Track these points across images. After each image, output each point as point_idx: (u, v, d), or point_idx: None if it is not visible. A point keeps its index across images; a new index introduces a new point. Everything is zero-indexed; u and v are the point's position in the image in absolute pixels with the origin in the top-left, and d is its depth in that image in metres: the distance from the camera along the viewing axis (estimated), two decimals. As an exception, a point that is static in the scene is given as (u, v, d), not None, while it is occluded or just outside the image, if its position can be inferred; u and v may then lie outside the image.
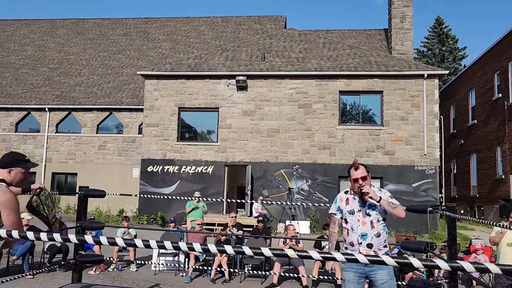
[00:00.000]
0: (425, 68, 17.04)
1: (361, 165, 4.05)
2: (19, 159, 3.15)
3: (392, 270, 3.89)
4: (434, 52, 39.53)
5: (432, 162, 15.79)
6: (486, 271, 1.20)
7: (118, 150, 20.57)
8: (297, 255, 1.24)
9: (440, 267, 1.19)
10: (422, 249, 4.49)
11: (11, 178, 3.07)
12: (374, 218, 3.90)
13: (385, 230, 3.99)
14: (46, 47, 26.74)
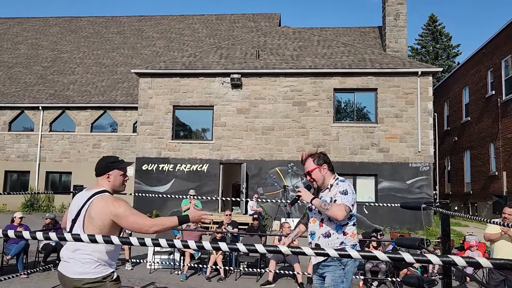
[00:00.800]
0: (419, 65, 17.12)
1: (310, 157, 3.63)
2: (112, 161, 3.10)
3: (340, 278, 3.39)
4: (428, 49, 39.70)
5: (426, 159, 15.87)
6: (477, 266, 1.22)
7: (112, 148, 20.49)
8: (290, 252, 1.25)
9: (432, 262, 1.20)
10: (416, 245, 4.52)
11: (112, 184, 3.03)
12: (325, 217, 3.49)
13: (340, 230, 3.47)
14: (39, 45, 26.57)
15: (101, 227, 2.78)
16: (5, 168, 21.11)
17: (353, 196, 3.47)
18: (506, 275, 5.82)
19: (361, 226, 15.32)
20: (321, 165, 3.55)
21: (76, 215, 2.88)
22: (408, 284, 5.07)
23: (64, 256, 2.88)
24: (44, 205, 20.11)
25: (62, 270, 2.88)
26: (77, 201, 2.95)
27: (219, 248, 1.38)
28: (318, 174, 3.54)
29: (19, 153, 21.13)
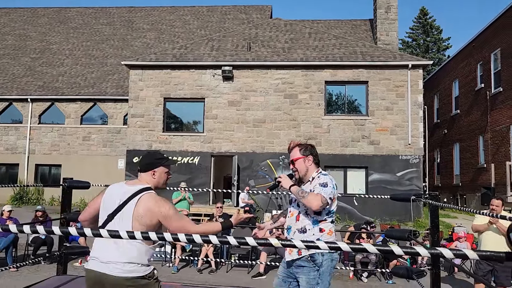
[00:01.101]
0: (409, 58, 17.18)
1: (298, 146, 3.48)
2: (159, 157, 2.98)
3: (314, 280, 3.19)
4: (419, 42, 39.85)
5: (416, 151, 16.00)
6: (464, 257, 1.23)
7: (103, 141, 20.35)
8: (281, 245, 1.26)
9: (420, 254, 1.21)
10: (405, 237, 4.58)
11: (156, 181, 2.91)
12: (302, 210, 3.33)
13: (316, 225, 3.27)
14: (27, 36, 26.17)
15: (148, 226, 2.68)
16: (-6, 160, 20.87)
17: (333, 190, 3.29)
18: (493, 265, 5.92)
19: (351, 218, 15.44)
20: (307, 156, 3.42)
21: (116, 210, 2.74)
22: (398, 275, 5.14)
23: (105, 254, 2.68)
24: (33, 198, 19.95)
25: (103, 269, 2.66)
26: (117, 195, 2.80)
27: (209, 241, 1.38)
28: (302, 164, 3.41)
29: (7, 146, 20.89)
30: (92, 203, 2.97)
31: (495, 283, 5.99)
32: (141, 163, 2.94)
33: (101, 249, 2.71)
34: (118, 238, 1.55)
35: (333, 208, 3.38)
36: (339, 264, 8.74)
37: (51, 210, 13.88)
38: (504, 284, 5.91)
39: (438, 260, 4.69)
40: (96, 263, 2.69)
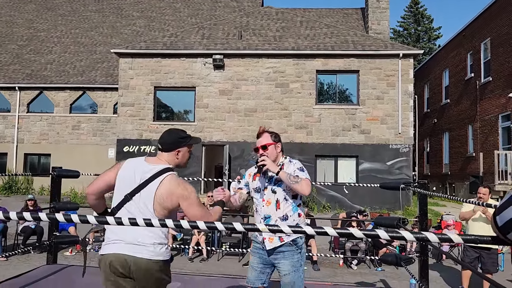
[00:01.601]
0: (400, 47, 17.20)
1: (267, 133, 3.40)
2: (183, 136, 2.77)
3: (298, 262, 3.21)
4: (410, 31, 39.91)
5: (406, 140, 16.12)
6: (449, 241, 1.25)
7: (92, 130, 20.18)
8: (268, 230, 1.26)
9: (406, 239, 1.22)
10: (394, 224, 4.64)
11: (179, 161, 2.73)
12: (280, 197, 3.25)
13: (296, 211, 3.27)
14: (14, 23, 25.71)
15: (169, 209, 2.52)
16: (-18, 150, 20.62)
17: (305, 172, 3.30)
18: (480, 252, 6.02)
19: (342, 207, 15.56)
20: (276, 143, 3.38)
21: (135, 189, 2.51)
22: (386, 262, 5.21)
23: (133, 234, 2.41)
24: (23, 188, 19.79)
25: (130, 252, 2.40)
26: (137, 173, 2.56)
27: (197, 226, 1.38)
28: (273, 150, 3.34)
29: (164, 130, 20.61)
30: (104, 176, 2.67)
31: (482, 270, 6.10)
32: (165, 142, 2.72)
33: (126, 230, 2.40)
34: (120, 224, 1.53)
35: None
36: (329, 252, 8.83)
37: (41, 199, 13.79)
38: (490, 271, 6.03)
39: (426, 247, 4.76)
40: (120, 246, 2.42)
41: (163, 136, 2.79)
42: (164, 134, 2.79)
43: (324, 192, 16.15)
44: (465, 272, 6.25)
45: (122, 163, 2.68)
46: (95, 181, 2.69)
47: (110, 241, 2.49)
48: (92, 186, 2.69)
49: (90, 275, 5.18)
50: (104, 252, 2.48)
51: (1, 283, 4.52)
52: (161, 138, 2.77)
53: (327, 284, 5.75)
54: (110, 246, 2.48)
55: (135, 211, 2.47)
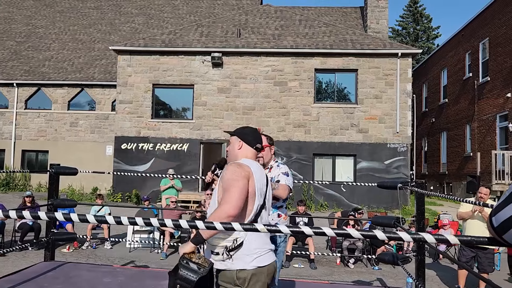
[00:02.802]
0: (399, 47, 17.23)
1: (264, 136, 3.55)
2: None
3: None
4: (409, 31, 39.91)
5: (404, 140, 16.15)
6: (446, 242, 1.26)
7: (90, 127, 20.15)
8: (266, 230, 1.27)
9: (403, 239, 1.23)
10: (391, 224, 4.65)
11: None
12: None
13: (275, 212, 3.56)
14: (12, 19, 25.62)
15: None
16: (-21, 146, 20.57)
17: (291, 178, 3.57)
18: (476, 252, 6.05)
19: (339, 205, 15.60)
20: (271, 146, 3.64)
21: (266, 194, 2.51)
22: (383, 261, 5.23)
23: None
24: (20, 184, 19.76)
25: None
26: (263, 177, 2.54)
27: (196, 226, 1.39)
28: (268, 152, 3.60)
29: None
30: (246, 189, 2.34)
31: (478, 269, 6.13)
32: (259, 143, 2.66)
33: (268, 239, 2.46)
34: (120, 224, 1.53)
35: (287, 196, 3.59)
36: (326, 250, 8.86)
37: (38, 196, 13.77)
38: (486, 270, 6.06)
39: (423, 246, 4.78)
40: (272, 254, 2.46)
41: (246, 131, 2.69)
42: (247, 130, 2.71)
43: (322, 190, 16.18)
44: (462, 271, 6.28)
45: (250, 170, 2.42)
46: (238, 201, 2.27)
47: (268, 249, 2.42)
48: (237, 208, 2.26)
49: (88, 272, 5.19)
50: (265, 263, 2.36)
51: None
52: (256, 137, 2.68)
53: (324, 282, 5.77)
54: (270, 254, 2.42)
55: (265, 215, 2.51)
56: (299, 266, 7.73)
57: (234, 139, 2.64)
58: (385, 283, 6.80)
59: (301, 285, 5.32)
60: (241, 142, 2.62)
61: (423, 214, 4.80)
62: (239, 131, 2.68)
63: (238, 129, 2.70)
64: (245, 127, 2.73)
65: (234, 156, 2.60)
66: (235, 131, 2.67)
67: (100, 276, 5.12)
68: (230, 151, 2.65)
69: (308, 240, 8.09)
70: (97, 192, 18.32)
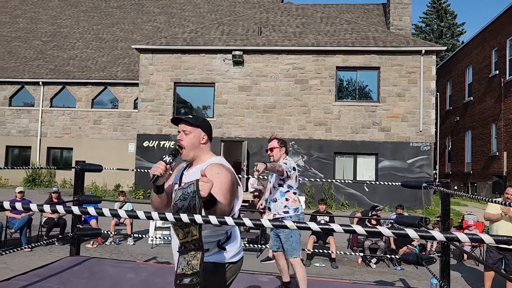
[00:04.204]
0: (422, 44, 16.92)
1: (276, 139, 4.62)
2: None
3: (289, 235, 4.45)
4: (432, 27, 39.17)
5: (427, 138, 15.87)
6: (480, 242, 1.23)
7: (113, 125, 20.48)
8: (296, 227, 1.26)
9: (435, 238, 1.21)
10: (416, 224, 4.58)
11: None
12: (271, 186, 4.60)
13: (283, 196, 4.50)
14: (39, 19, 26.23)
15: None
16: (7, 143, 21.16)
17: (289, 168, 4.44)
18: (504, 253, 5.89)
19: (360, 204, 15.45)
20: (281, 147, 4.60)
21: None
22: (407, 261, 5.15)
23: None
24: (45, 181, 20.24)
25: None
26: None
27: (209, 221, 1.39)
28: (277, 152, 4.58)
29: (20, 128, 21.13)
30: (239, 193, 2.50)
31: (505, 271, 5.97)
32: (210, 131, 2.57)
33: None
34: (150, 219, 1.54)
35: (293, 185, 4.58)
36: (347, 249, 8.78)
37: (63, 192, 14.05)
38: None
39: (448, 247, 4.69)
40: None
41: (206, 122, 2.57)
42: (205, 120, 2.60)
43: (343, 189, 16.05)
44: (488, 273, 6.13)
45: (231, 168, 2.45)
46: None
47: (241, 247, 2.52)
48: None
49: (112, 267, 5.28)
50: (239, 258, 2.46)
51: (27, 273, 4.64)
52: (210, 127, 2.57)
53: (346, 282, 5.72)
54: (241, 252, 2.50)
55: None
56: (320, 265, 7.69)
57: (199, 131, 2.48)
58: (408, 284, 6.70)
59: (323, 284, 5.29)
60: (206, 137, 2.50)
61: (448, 214, 4.71)
62: (204, 124, 2.51)
63: (200, 121, 2.51)
64: (203, 118, 2.57)
65: (194, 149, 2.46)
66: (200, 123, 2.49)
67: (123, 271, 5.20)
68: (190, 142, 2.46)
69: (329, 239, 8.03)
70: (119, 189, 18.63)
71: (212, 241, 2.30)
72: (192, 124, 2.47)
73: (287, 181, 4.51)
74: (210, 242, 2.29)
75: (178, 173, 2.56)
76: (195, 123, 2.47)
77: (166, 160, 2.32)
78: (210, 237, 2.28)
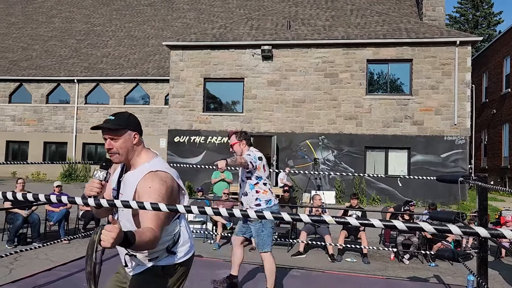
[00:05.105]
0: (457, 34, 16.39)
1: (234, 134, 4.54)
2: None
3: (260, 229, 4.27)
4: (467, 17, 37.89)
5: (462, 132, 15.42)
6: (528, 239, 1.19)
7: (145, 120, 20.89)
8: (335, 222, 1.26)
9: (479, 234, 1.18)
10: (451, 219, 4.46)
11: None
12: (240, 179, 4.49)
13: (252, 189, 4.35)
14: (73, 18, 26.98)
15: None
16: (44, 139, 21.95)
17: (252, 158, 4.32)
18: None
19: (392, 200, 15.19)
20: (241, 141, 4.49)
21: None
22: (443, 257, 5.04)
23: None
24: (81, 175, 20.89)
25: None
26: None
27: (248, 215, 1.41)
28: (238, 147, 4.49)
29: (56, 125, 21.88)
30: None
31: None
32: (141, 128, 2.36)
33: None
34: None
35: (262, 175, 4.42)
36: (379, 245, 8.66)
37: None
38: (556, 270, 5.67)
39: (486, 243, 4.56)
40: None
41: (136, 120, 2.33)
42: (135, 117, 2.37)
43: (374, 184, 15.82)
44: (528, 271, 5.92)
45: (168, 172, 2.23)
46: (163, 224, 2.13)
47: (192, 245, 2.43)
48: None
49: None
50: (190, 256, 2.39)
51: (66, 264, 4.81)
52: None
53: (380, 277, 5.66)
54: (192, 249, 2.44)
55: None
56: (351, 260, 7.62)
57: (127, 133, 2.19)
58: (443, 280, 6.55)
59: (355, 279, 5.25)
60: (137, 135, 2.24)
61: (486, 210, 4.57)
62: (129, 121, 2.22)
63: (125, 120, 2.21)
64: (127, 115, 2.27)
65: (128, 153, 2.20)
66: (125, 123, 2.19)
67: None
68: (121, 147, 2.18)
69: (360, 234, 7.95)
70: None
71: (161, 249, 2.21)
72: (117, 128, 2.16)
73: (255, 173, 4.38)
74: (158, 250, 2.20)
75: (115, 177, 2.31)
76: (120, 126, 2.17)
77: (99, 177, 2.13)
78: (158, 245, 2.14)
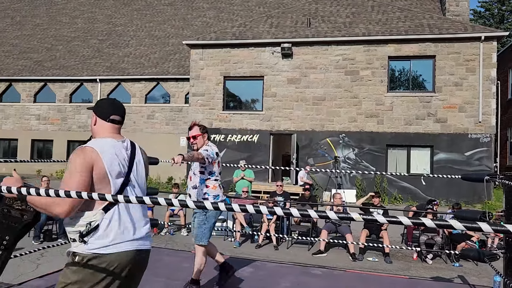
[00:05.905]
0: (482, 30, 16.00)
1: (197, 126, 4.52)
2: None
3: (203, 221, 4.34)
4: (493, 12, 36.95)
5: (487, 129, 15.06)
6: None
7: (166, 119, 21.09)
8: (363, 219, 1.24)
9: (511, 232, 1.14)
10: (477, 218, 4.35)
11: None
12: (191, 172, 4.47)
13: (203, 183, 4.36)
14: (95, 19, 27.43)
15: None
16: (68, 138, 22.40)
17: (210, 153, 4.29)
18: None
19: (415, 198, 14.96)
20: (203, 133, 4.50)
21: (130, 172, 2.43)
22: (468, 257, 4.93)
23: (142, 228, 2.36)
24: (103, 173, 21.22)
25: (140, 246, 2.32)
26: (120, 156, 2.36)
27: (275, 212, 1.40)
28: (201, 139, 4.48)
29: (79, 124, 22.30)
30: (85, 182, 2.15)
31: None
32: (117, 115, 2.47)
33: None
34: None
35: (214, 171, 4.43)
36: (402, 244, 8.54)
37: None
38: None
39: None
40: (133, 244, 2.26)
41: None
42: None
43: (396, 183, 15.61)
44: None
45: (94, 154, 2.21)
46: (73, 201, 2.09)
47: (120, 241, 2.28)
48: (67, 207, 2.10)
49: (168, 257, 5.46)
50: (111, 252, 2.22)
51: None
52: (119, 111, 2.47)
53: (403, 277, 5.58)
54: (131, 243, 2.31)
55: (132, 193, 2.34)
56: (373, 259, 7.54)
57: (93, 115, 2.43)
58: (467, 281, 6.42)
59: (378, 279, 5.19)
60: (95, 116, 2.40)
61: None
62: (96, 105, 2.45)
63: (95, 105, 2.47)
64: (102, 99, 2.51)
65: (93, 133, 2.42)
66: (94, 107, 2.45)
67: (179, 261, 5.36)
68: (91, 127, 2.45)
69: (382, 233, 7.85)
70: (172, 181, 19.19)
71: (74, 231, 2.15)
72: (92, 110, 2.45)
73: (209, 168, 4.40)
74: (73, 231, 2.15)
75: None
76: (92, 108, 2.46)
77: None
78: (70, 225, 2.15)
